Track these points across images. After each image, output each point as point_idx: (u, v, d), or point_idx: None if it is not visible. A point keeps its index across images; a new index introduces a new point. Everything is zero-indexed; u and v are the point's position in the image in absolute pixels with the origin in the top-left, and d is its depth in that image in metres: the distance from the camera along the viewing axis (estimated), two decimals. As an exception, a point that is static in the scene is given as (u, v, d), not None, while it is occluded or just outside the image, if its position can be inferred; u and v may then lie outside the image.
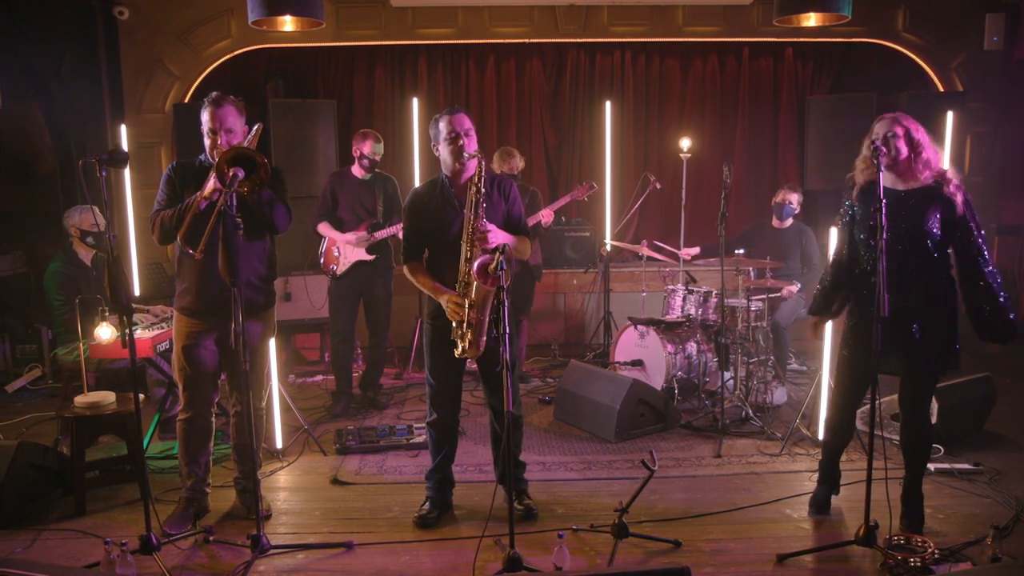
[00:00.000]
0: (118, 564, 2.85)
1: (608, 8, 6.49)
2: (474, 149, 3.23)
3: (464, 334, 3.17)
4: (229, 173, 2.90)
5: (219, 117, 3.19)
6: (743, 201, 7.08)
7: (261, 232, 3.32)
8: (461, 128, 3.24)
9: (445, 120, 3.26)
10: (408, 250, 3.40)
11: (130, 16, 6.22)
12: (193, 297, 3.28)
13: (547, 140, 7.13)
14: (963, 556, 3.02)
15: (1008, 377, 5.51)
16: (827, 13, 4.36)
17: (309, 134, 6.33)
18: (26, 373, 5.79)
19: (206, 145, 3.26)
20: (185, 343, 3.32)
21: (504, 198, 3.37)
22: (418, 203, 3.36)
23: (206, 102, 3.21)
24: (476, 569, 2.99)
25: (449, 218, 3.29)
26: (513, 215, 3.40)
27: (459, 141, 3.23)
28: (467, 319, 3.14)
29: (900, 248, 3.04)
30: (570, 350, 6.52)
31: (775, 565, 3.01)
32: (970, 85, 6.58)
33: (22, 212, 6.57)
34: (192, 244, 3.03)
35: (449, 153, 3.27)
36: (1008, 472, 3.83)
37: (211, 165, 3.20)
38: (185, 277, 3.31)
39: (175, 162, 3.37)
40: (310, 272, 5.67)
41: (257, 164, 2.93)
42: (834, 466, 3.48)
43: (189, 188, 3.21)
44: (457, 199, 3.29)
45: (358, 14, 6.43)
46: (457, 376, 3.44)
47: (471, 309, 3.13)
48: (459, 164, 3.27)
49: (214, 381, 3.44)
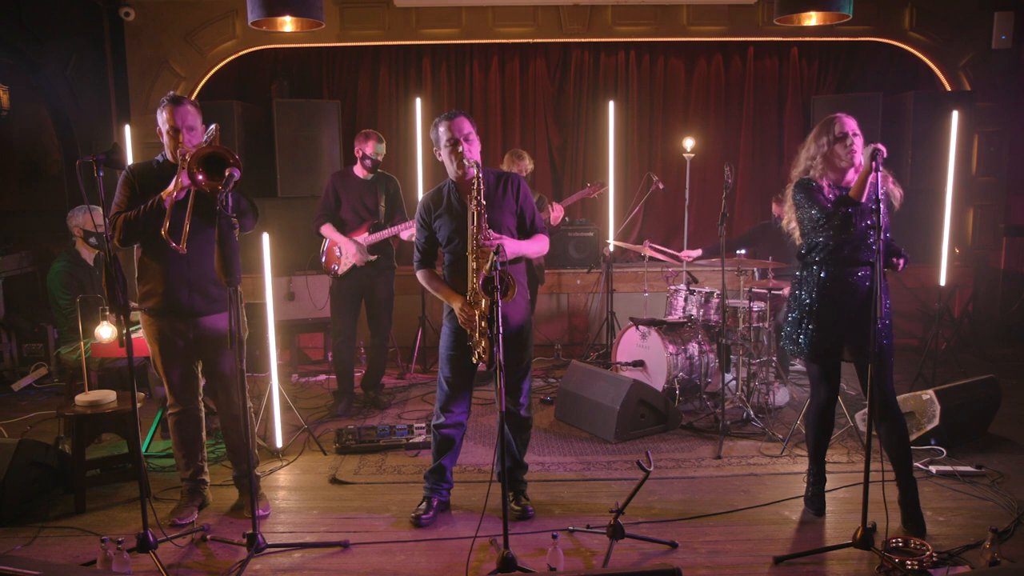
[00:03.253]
0: (114, 562, 2.87)
1: (612, 8, 6.48)
2: (475, 156, 3.21)
3: (477, 342, 3.18)
4: (225, 173, 2.91)
5: (180, 115, 3.21)
6: (747, 202, 7.06)
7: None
8: (460, 133, 3.22)
9: (444, 125, 3.24)
10: (421, 258, 3.40)
11: (136, 17, 6.27)
12: (160, 298, 3.31)
13: (551, 140, 7.12)
14: (961, 559, 2.99)
15: (1014, 378, 5.47)
16: (828, 12, 4.32)
17: (313, 134, 6.36)
18: (32, 372, 5.84)
19: (166, 144, 3.27)
20: (160, 344, 3.36)
21: (515, 196, 3.33)
22: (427, 212, 3.35)
23: (165, 102, 3.23)
24: (471, 569, 2.99)
25: (458, 225, 3.27)
26: (527, 212, 3.36)
27: (459, 147, 3.21)
28: (479, 329, 3.15)
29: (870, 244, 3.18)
30: (573, 350, 6.51)
31: (771, 567, 2.99)
32: (978, 84, 6.53)
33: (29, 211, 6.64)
34: (175, 238, 3.11)
35: (450, 159, 3.26)
36: (1011, 475, 3.79)
37: (171, 165, 3.23)
38: (149, 279, 3.32)
39: (131, 165, 3.38)
40: (312, 272, 5.69)
41: (231, 163, 2.94)
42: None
43: (150, 190, 3.22)
44: (464, 205, 3.27)
45: (362, 14, 6.45)
46: (470, 380, 3.43)
47: (482, 319, 3.14)
48: (461, 170, 3.26)
49: (196, 373, 3.47)
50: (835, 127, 3.20)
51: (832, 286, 3.23)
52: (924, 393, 4.16)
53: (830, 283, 3.23)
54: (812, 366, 3.36)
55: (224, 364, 3.37)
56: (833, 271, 3.23)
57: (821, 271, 3.25)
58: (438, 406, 3.46)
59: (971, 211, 6.76)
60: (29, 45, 5.60)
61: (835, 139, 3.19)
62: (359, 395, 5.19)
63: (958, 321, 6.50)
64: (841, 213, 3.09)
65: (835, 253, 3.22)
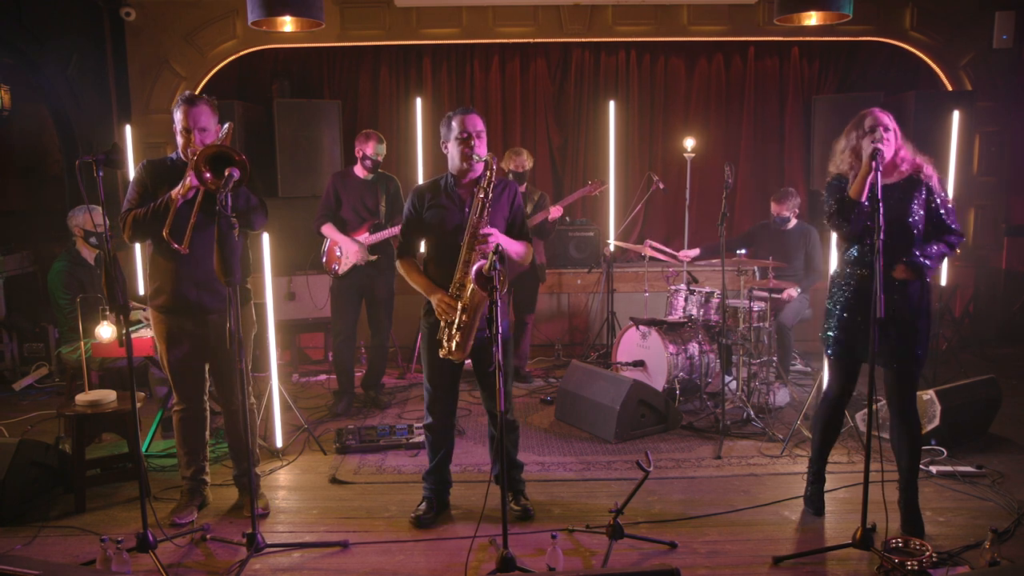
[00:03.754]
0: (114, 561, 2.88)
1: (612, 7, 6.47)
2: (485, 152, 3.23)
3: (452, 335, 3.17)
4: (225, 173, 2.92)
5: (193, 116, 3.22)
6: (748, 201, 7.05)
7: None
8: (473, 129, 3.24)
9: (458, 119, 3.26)
10: (404, 245, 3.41)
11: (137, 17, 6.28)
12: (168, 296, 3.32)
13: (552, 140, 7.12)
14: (961, 560, 2.99)
15: (1015, 378, 5.46)
16: (828, 12, 4.31)
17: (314, 134, 6.36)
18: (33, 371, 5.85)
19: (179, 143, 3.28)
20: (168, 341, 3.36)
21: (510, 203, 3.36)
22: (420, 200, 3.36)
23: (180, 101, 3.25)
24: (470, 569, 2.99)
25: (451, 217, 3.28)
26: (517, 219, 3.40)
27: (471, 142, 3.23)
28: (458, 321, 3.14)
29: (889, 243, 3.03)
30: (574, 350, 6.51)
31: (771, 567, 2.99)
32: (979, 84, 6.52)
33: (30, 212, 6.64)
34: (177, 239, 3.13)
35: (458, 153, 3.26)
36: (1011, 475, 3.79)
37: (183, 163, 3.24)
38: (159, 276, 3.34)
39: (146, 161, 3.39)
40: (312, 272, 5.69)
41: (236, 161, 2.95)
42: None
43: (162, 187, 3.24)
44: (460, 199, 3.29)
45: (363, 14, 6.45)
46: (454, 378, 3.43)
47: (463, 312, 3.14)
48: (467, 164, 3.26)
49: (203, 372, 3.47)
50: (866, 121, 3.13)
51: (853, 284, 3.19)
52: (924, 393, 4.16)
53: (852, 281, 3.20)
54: (829, 360, 3.36)
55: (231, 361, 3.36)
56: (853, 269, 3.20)
57: (846, 267, 3.24)
58: (425, 407, 3.47)
59: (972, 211, 6.74)
60: (30, 45, 5.60)
61: (865, 133, 3.12)
62: (359, 395, 5.19)
63: (959, 321, 6.50)
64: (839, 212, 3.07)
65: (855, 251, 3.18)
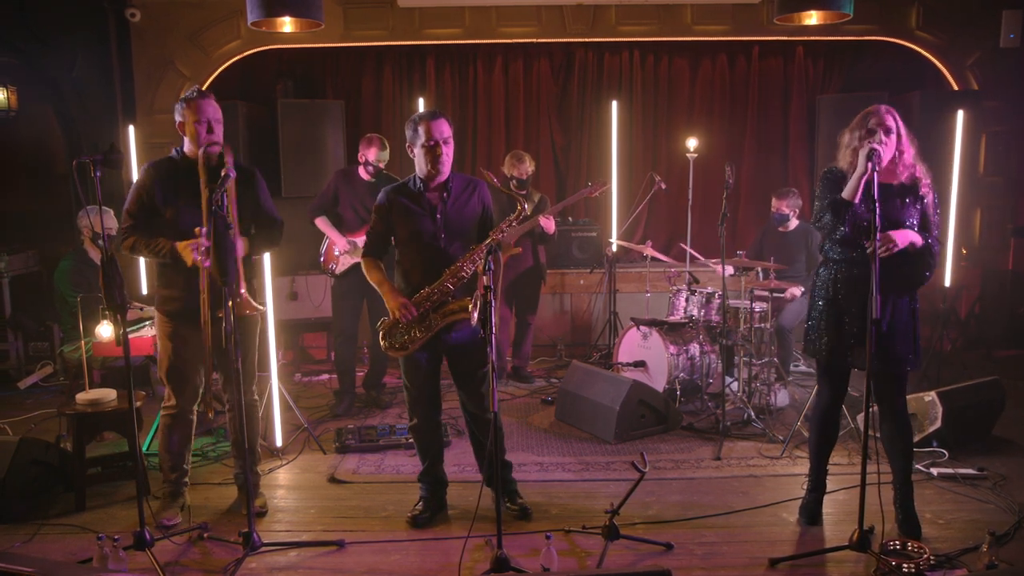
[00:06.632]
0: (110, 559, 2.89)
1: (616, 7, 6.46)
2: (450, 159, 3.25)
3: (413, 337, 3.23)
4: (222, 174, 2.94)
5: (211, 108, 3.23)
6: (752, 202, 7.02)
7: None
8: (440, 136, 3.21)
9: (424, 125, 3.21)
10: (369, 245, 3.40)
11: (141, 18, 6.30)
12: (181, 305, 3.31)
13: (555, 140, 7.11)
14: (959, 563, 2.97)
15: (1020, 380, 5.42)
16: (828, 11, 4.29)
17: (318, 134, 6.36)
18: (38, 370, 5.89)
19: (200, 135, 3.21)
20: (172, 342, 3.36)
21: (480, 201, 3.38)
22: (389, 202, 3.32)
23: (194, 94, 3.24)
24: (465, 569, 2.99)
25: (420, 220, 3.27)
26: (489, 216, 3.42)
27: (437, 150, 3.21)
28: (413, 332, 3.22)
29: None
30: (576, 350, 6.50)
31: (767, 569, 2.98)
32: (985, 83, 6.47)
33: (36, 212, 6.67)
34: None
35: (425, 159, 3.24)
36: (1013, 478, 3.76)
37: (188, 160, 3.26)
38: (169, 284, 3.34)
39: (148, 164, 3.36)
40: (315, 272, 5.71)
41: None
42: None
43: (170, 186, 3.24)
44: (430, 204, 3.28)
45: (366, 15, 6.46)
46: (433, 378, 3.41)
47: (419, 325, 3.22)
48: (434, 170, 3.26)
49: (199, 376, 3.47)
50: (870, 120, 3.07)
51: (838, 287, 3.15)
52: (926, 395, 4.13)
53: (837, 283, 3.15)
54: (817, 365, 3.33)
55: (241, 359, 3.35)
56: (841, 271, 3.15)
57: (831, 269, 3.18)
58: (408, 410, 3.47)
59: (978, 211, 6.69)
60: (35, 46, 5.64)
61: (866, 132, 3.06)
62: (361, 395, 5.19)
63: (964, 322, 6.45)
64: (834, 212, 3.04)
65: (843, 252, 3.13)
